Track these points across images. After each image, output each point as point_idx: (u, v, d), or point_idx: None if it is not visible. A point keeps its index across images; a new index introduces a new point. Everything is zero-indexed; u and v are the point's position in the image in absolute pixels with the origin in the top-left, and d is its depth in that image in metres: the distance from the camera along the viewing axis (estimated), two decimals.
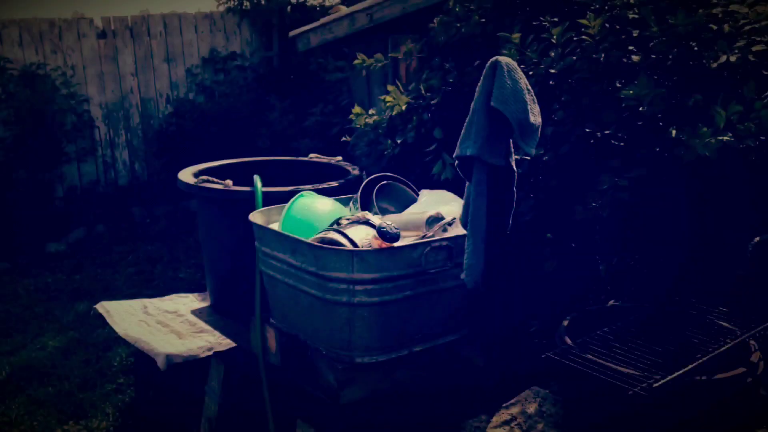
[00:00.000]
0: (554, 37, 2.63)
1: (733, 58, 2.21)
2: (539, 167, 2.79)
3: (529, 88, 1.93)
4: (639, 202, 2.49)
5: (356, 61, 3.50)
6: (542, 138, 2.44)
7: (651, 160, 2.38)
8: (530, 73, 2.71)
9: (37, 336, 4.45)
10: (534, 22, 2.79)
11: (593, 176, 2.55)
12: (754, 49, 2.24)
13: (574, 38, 2.64)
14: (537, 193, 2.73)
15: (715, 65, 2.25)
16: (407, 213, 2.46)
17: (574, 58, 2.63)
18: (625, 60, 2.51)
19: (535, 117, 1.92)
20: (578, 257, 2.61)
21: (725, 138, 2.09)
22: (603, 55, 2.57)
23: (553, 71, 2.63)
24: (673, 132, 2.21)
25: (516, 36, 2.73)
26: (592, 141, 2.54)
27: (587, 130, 2.51)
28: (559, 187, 2.73)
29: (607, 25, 2.62)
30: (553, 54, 2.70)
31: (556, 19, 2.68)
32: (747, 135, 2.10)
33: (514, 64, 1.91)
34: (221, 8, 8.13)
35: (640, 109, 2.31)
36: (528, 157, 2.45)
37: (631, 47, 2.56)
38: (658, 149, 2.33)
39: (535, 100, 1.96)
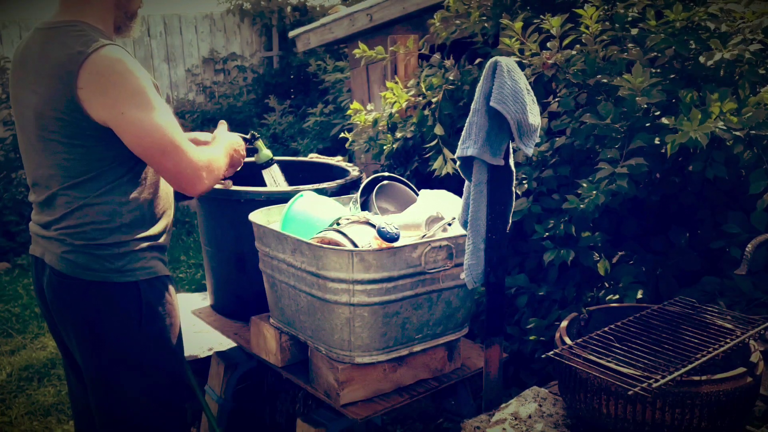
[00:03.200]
0: (553, 28, 2.65)
1: (727, 55, 2.23)
2: (535, 161, 2.80)
3: (529, 88, 1.93)
4: (637, 195, 2.50)
5: (356, 51, 3.53)
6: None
7: (649, 150, 2.39)
8: (527, 62, 2.72)
9: (37, 336, 4.45)
10: (535, 20, 2.80)
11: (589, 170, 2.56)
12: (751, 48, 2.24)
13: (574, 27, 2.66)
14: (531, 187, 2.74)
15: (711, 63, 2.26)
16: (407, 213, 2.46)
17: (573, 52, 2.65)
18: (623, 55, 2.52)
19: (535, 117, 1.92)
20: (576, 255, 2.61)
21: (718, 126, 2.10)
22: (601, 49, 2.58)
23: (550, 61, 2.65)
24: (664, 120, 2.24)
25: (518, 25, 2.75)
26: (588, 135, 2.55)
27: (584, 122, 2.52)
28: (555, 180, 2.74)
29: (607, 23, 2.64)
30: (550, 45, 2.71)
31: (556, 17, 2.69)
32: (738, 128, 2.12)
33: (515, 64, 1.90)
34: (221, 9, 8.14)
35: (638, 99, 2.32)
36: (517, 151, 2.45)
37: (631, 44, 2.57)
38: (656, 141, 2.35)
39: (535, 101, 1.96)
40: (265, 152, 2.70)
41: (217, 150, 2.12)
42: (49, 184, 1.93)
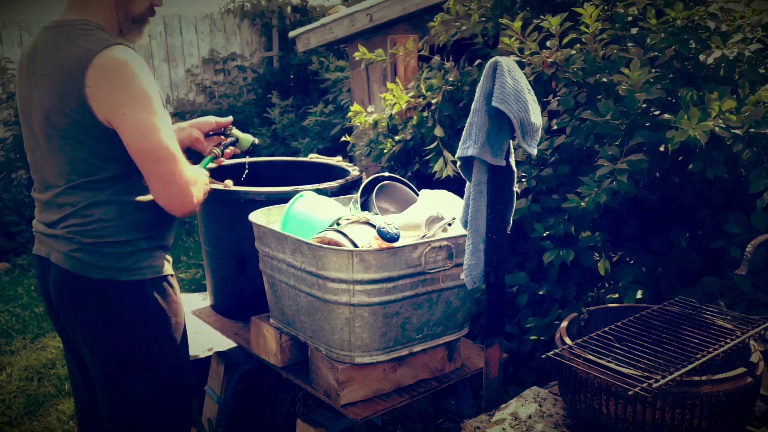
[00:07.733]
0: (552, 27, 2.65)
1: (727, 53, 2.23)
2: (535, 159, 2.80)
3: (530, 88, 1.93)
4: (637, 195, 2.49)
5: (356, 54, 3.52)
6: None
7: (649, 147, 2.39)
8: (527, 61, 2.72)
9: (37, 336, 4.45)
10: (535, 20, 2.80)
11: (589, 169, 2.56)
12: (751, 47, 2.24)
13: (574, 26, 2.66)
14: (530, 186, 2.74)
15: (711, 61, 2.26)
16: (407, 213, 2.46)
17: (573, 51, 2.65)
18: (623, 54, 2.52)
19: (536, 116, 1.92)
20: (577, 255, 2.61)
21: (718, 124, 2.11)
22: (600, 48, 2.58)
23: (550, 60, 2.65)
24: (666, 116, 2.24)
25: (517, 24, 2.75)
26: (588, 133, 2.55)
27: (584, 119, 2.52)
28: (555, 180, 2.74)
29: (606, 23, 2.64)
30: (549, 44, 2.71)
31: (556, 17, 2.69)
32: (737, 126, 2.12)
33: (515, 64, 1.90)
34: (221, 9, 8.14)
35: (636, 95, 2.33)
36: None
37: (631, 44, 2.56)
38: (657, 139, 2.35)
39: (536, 101, 1.96)
40: (245, 137, 2.56)
41: (201, 175, 2.06)
42: (56, 183, 1.93)
